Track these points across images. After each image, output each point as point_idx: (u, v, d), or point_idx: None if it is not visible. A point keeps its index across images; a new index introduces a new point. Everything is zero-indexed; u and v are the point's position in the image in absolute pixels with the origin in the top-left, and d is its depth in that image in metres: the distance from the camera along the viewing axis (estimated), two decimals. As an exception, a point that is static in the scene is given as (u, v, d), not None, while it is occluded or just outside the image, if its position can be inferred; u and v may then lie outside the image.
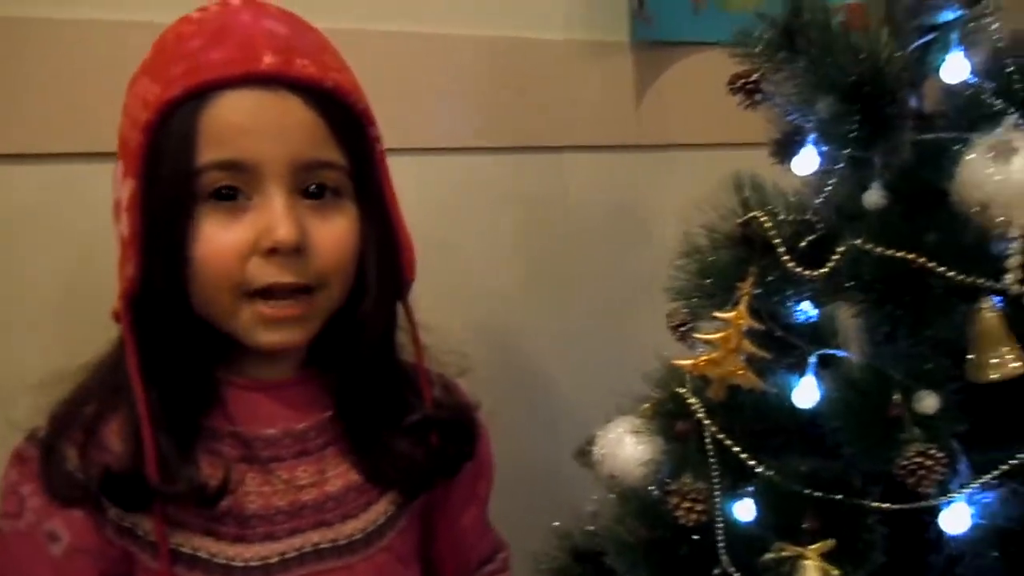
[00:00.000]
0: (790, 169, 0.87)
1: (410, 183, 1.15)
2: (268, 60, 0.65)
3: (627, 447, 0.85)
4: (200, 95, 0.64)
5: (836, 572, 0.70)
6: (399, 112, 1.12)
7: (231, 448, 0.70)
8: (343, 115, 0.69)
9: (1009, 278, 0.66)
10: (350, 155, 0.69)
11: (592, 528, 0.93)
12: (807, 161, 0.84)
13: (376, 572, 0.74)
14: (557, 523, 0.98)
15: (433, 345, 0.80)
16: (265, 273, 0.66)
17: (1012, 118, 0.70)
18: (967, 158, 0.67)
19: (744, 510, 0.80)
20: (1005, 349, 0.71)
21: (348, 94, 0.69)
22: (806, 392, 0.81)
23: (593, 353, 1.29)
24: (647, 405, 0.87)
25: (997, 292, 0.70)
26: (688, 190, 1.07)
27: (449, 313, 1.21)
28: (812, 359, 0.82)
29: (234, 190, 0.66)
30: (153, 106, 0.64)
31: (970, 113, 0.74)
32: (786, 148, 0.89)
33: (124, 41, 0.94)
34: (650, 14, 1.23)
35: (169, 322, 0.67)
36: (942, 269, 0.70)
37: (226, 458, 0.69)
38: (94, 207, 0.96)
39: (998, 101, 0.73)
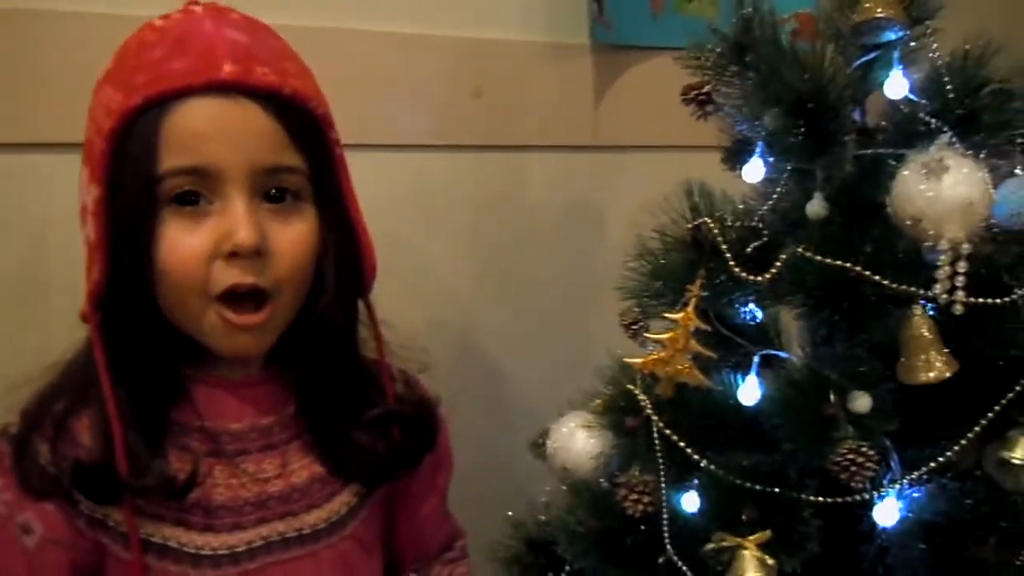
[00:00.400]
0: (740, 176, 0.90)
1: (367, 180, 1.17)
2: (228, 68, 0.66)
3: (579, 441, 0.88)
4: (162, 103, 0.65)
5: (771, 561, 0.74)
6: (357, 109, 1.13)
7: (199, 442, 0.72)
8: (302, 120, 0.70)
9: (938, 288, 0.70)
10: (309, 159, 0.71)
11: (545, 518, 0.96)
12: (755, 170, 0.87)
13: (339, 559, 0.77)
14: (511, 513, 1.01)
15: (395, 342, 0.82)
16: (227, 276, 0.68)
17: (945, 137, 0.75)
18: (901, 174, 0.71)
19: (688, 502, 0.84)
20: (934, 353, 0.75)
21: (307, 100, 0.71)
22: (750, 390, 0.85)
23: (549, 348, 1.32)
24: (599, 401, 0.90)
25: (928, 300, 0.74)
26: (644, 190, 1.10)
27: (406, 309, 1.23)
28: (756, 359, 0.86)
29: (196, 195, 0.67)
30: (116, 114, 0.65)
31: (907, 130, 0.78)
32: (736, 156, 0.93)
33: (84, 35, 0.96)
34: (609, 18, 1.26)
35: (136, 322, 0.68)
36: (877, 278, 0.74)
37: (194, 452, 0.71)
38: (49, 196, 0.98)
39: (933, 120, 0.77)
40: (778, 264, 0.78)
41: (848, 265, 0.75)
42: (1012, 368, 0.78)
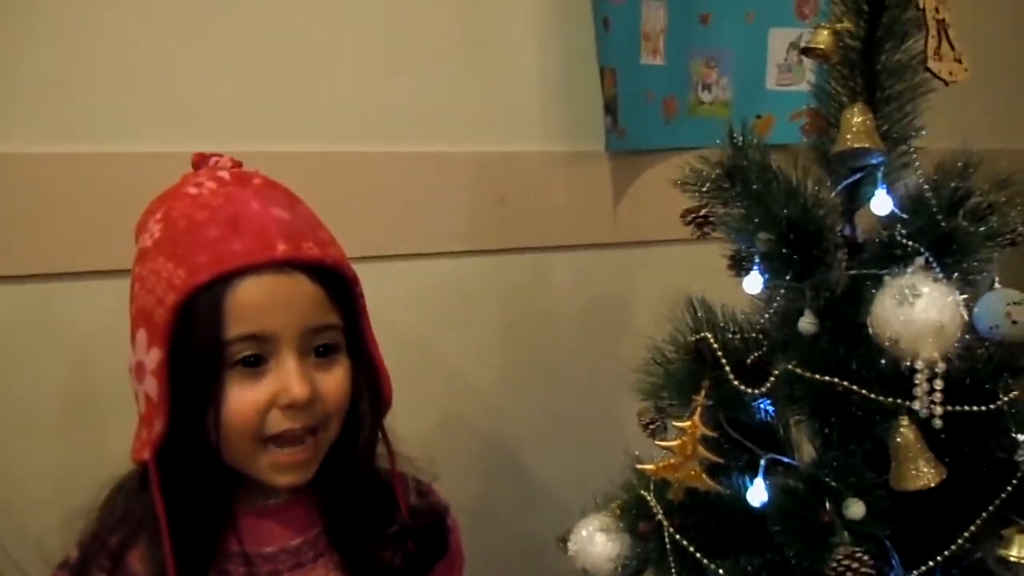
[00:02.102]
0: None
1: (398, 287, 1.27)
2: (282, 248, 0.76)
3: (597, 544, 0.94)
4: (224, 280, 0.74)
5: (774, 663, 0.79)
6: (392, 223, 1.24)
7: (236, 566, 0.80)
8: (339, 283, 0.80)
9: (917, 404, 0.76)
10: (344, 315, 0.81)
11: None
12: (754, 283, 0.94)
13: None
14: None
15: (405, 454, 0.90)
16: (281, 423, 0.77)
17: (921, 260, 0.81)
18: (879, 298, 0.77)
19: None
20: (922, 463, 0.80)
21: (342, 266, 0.80)
22: (757, 493, 0.90)
23: (575, 441, 1.38)
24: (615, 504, 0.96)
25: (912, 412, 0.79)
26: (665, 282, 1.17)
27: (435, 407, 1.31)
28: (763, 462, 0.91)
29: (257, 358, 0.76)
30: (181, 289, 0.74)
31: (887, 252, 0.84)
32: (740, 265, 1.00)
33: (101, 174, 1.07)
34: (623, 128, 1.34)
35: (193, 466, 0.77)
36: (864, 391, 0.80)
37: None
38: (88, 320, 1.08)
39: (910, 243, 0.83)
40: (772, 379, 0.84)
41: (836, 380, 0.81)
42: (1001, 469, 0.83)
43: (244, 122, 1.15)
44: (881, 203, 0.88)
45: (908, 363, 0.76)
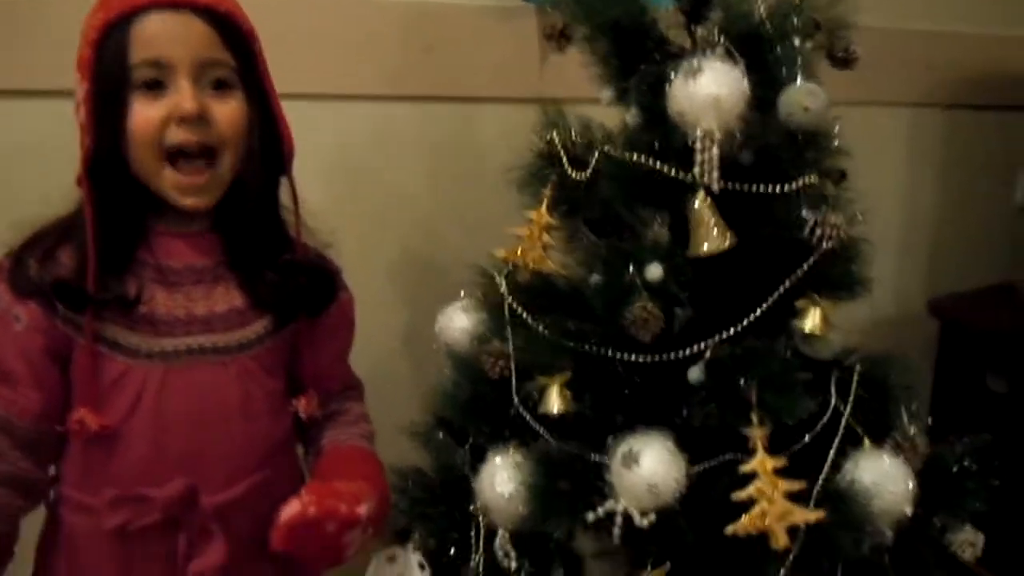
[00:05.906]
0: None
1: (328, 128, 1.38)
2: None
3: (456, 321, 1.07)
4: (132, 16, 0.90)
5: (569, 394, 0.91)
6: (318, 62, 1.35)
7: (148, 272, 0.96)
8: (231, 30, 0.94)
9: (696, 171, 0.86)
10: (237, 58, 0.95)
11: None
12: (605, 93, 1.04)
13: (242, 371, 0.99)
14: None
15: (312, 224, 1.04)
16: (178, 135, 0.91)
17: (721, 48, 0.90)
18: (674, 78, 0.87)
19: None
20: (715, 229, 0.90)
21: (236, 16, 0.95)
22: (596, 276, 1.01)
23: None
24: (479, 290, 1.09)
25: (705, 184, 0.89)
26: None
27: (358, 238, 1.43)
28: (602, 250, 1.02)
29: (157, 82, 0.91)
30: (98, 27, 0.90)
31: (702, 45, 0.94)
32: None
33: None
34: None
35: (115, 183, 0.92)
36: (664, 168, 0.90)
37: (143, 279, 0.95)
38: None
39: (721, 38, 0.92)
40: (593, 163, 0.95)
41: (642, 159, 0.91)
42: (798, 248, 0.93)
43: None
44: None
45: (692, 136, 0.87)
